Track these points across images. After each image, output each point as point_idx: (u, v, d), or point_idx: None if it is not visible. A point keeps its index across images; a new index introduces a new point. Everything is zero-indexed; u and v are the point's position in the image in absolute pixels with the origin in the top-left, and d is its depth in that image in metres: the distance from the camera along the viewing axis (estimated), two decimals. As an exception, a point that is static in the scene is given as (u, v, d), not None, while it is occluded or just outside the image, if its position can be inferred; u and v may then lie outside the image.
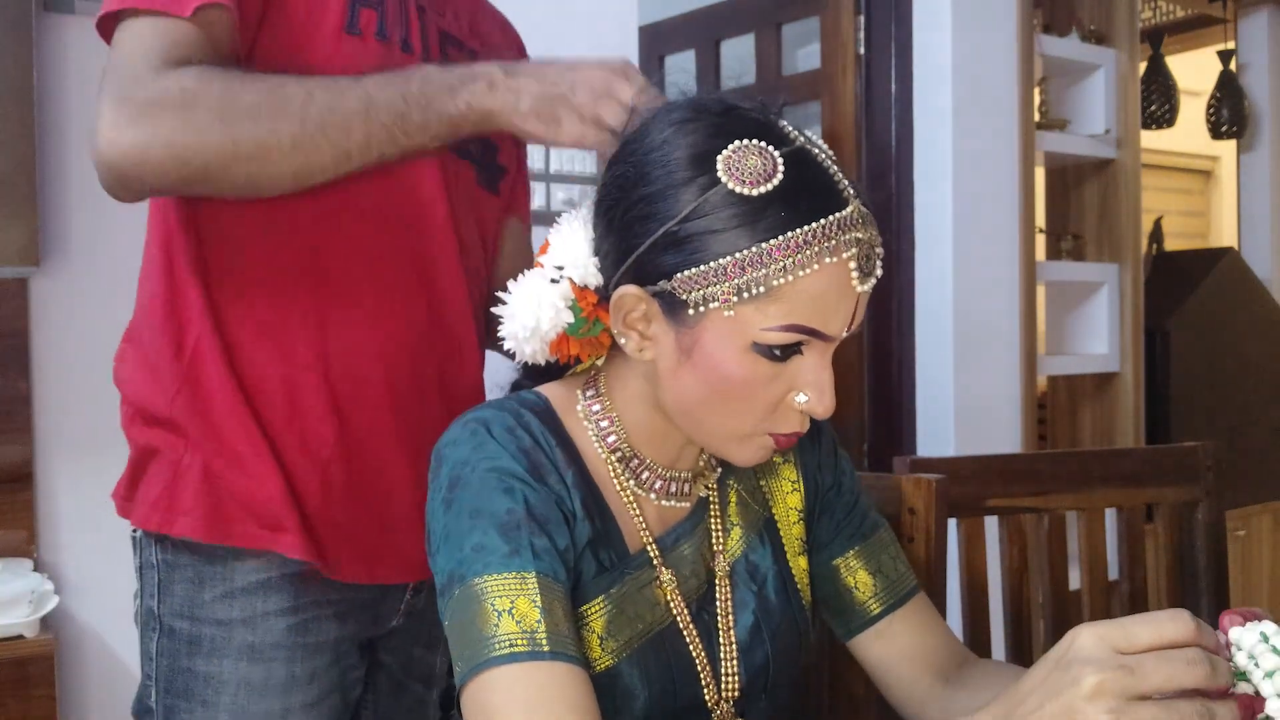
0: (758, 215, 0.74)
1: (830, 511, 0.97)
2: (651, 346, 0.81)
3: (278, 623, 1.01)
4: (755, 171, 0.75)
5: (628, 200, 0.80)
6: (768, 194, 0.75)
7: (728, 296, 0.75)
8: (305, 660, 1.02)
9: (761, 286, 0.74)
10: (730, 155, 0.76)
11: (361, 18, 0.98)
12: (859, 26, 2.81)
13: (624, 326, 0.81)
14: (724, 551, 0.91)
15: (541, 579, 0.76)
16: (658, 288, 0.78)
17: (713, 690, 0.87)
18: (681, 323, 0.78)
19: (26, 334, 1.75)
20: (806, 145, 0.79)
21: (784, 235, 0.74)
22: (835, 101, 2.85)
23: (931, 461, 1.29)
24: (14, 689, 1.51)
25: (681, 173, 0.77)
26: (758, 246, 0.74)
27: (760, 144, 0.76)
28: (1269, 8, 3.92)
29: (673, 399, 0.82)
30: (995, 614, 1.30)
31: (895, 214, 2.78)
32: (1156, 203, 4.66)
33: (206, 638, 1.00)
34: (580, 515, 0.83)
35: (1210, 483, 1.43)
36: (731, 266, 0.74)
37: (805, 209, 0.75)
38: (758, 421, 0.80)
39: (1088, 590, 1.38)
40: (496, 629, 0.73)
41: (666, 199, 0.77)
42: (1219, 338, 3.51)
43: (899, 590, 0.96)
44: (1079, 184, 3.26)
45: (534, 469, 0.81)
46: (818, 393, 0.78)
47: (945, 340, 2.71)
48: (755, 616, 0.90)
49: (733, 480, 0.94)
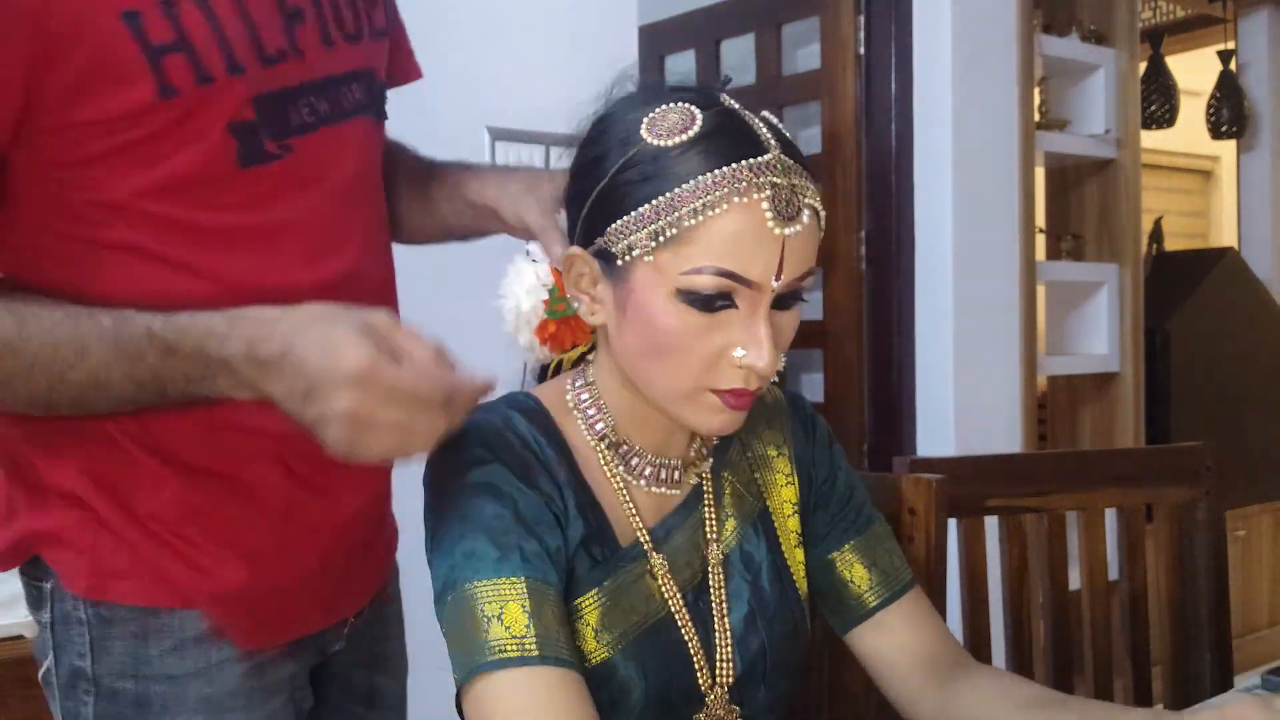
0: (673, 164, 0.78)
1: (825, 505, 0.98)
2: (601, 309, 0.85)
3: (233, 669, 0.92)
4: (672, 125, 0.79)
5: (576, 175, 0.86)
6: (683, 143, 0.78)
7: (646, 243, 0.78)
8: (262, 705, 0.94)
9: (674, 229, 0.77)
10: (653, 115, 0.80)
11: (170, 71, 0.79)
12: (859, 26, 2.81)
13: (575, 290, 0.85)
14: (718, 541, 0.92)
15: (531, 583, 0.77)
16: (595, 246, 0.82)
17: (707, 677, 0.88)
18: (616, 278, 0.82)
19: (26, 334, 1.75)
20: (738, 109, 0.82)
21: (694, 179, 0.77)
22: (835, 101, 2.85)
23: (931, 461, 1.29)
24: (14, 689, 1.50)
25: (616, 139, 0.82)
26: (671, 191, 0.77)
27: (684, 105, 0.80)
28: (1269, 8, 3.92)
29: (624, 362, 0.85)
30: (995, 614, 1.30)
31: (895, 214, 2.78)
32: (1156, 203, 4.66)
33: (156, 696, 0.90)
34: (573, 513, 0.84)
35: (1210, 483, 1.43)
36: (648, 212, 0.78)
37: (717, 154, 0.78)
38: (698, 377, 0.80)
39: (1088, 590, 1.38)
40: (487, 635, 0.75)
41: (601, 162, 0.82)
42: (1219, 338, 3.51)
43: (894, 584, 0.97)
44: (1079, 184, 3.26)
45: (523, 472, 0.83)
46: (755, 347, 0.78)
47: (945, 340, 2.72)
48: (750, 606, 0.91)
49: (727, 473, 0.95)
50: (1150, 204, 3.67)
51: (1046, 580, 1.36)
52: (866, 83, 2.82)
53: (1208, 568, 1.43)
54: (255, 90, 0.84)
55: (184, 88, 0.79)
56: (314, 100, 0.89)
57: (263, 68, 0.84)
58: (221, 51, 0.81)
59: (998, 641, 1.30)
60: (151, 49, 0.78)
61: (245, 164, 0.84)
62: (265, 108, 0.85)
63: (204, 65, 0.80)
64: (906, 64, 2.76)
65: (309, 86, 0.89)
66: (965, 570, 1.30)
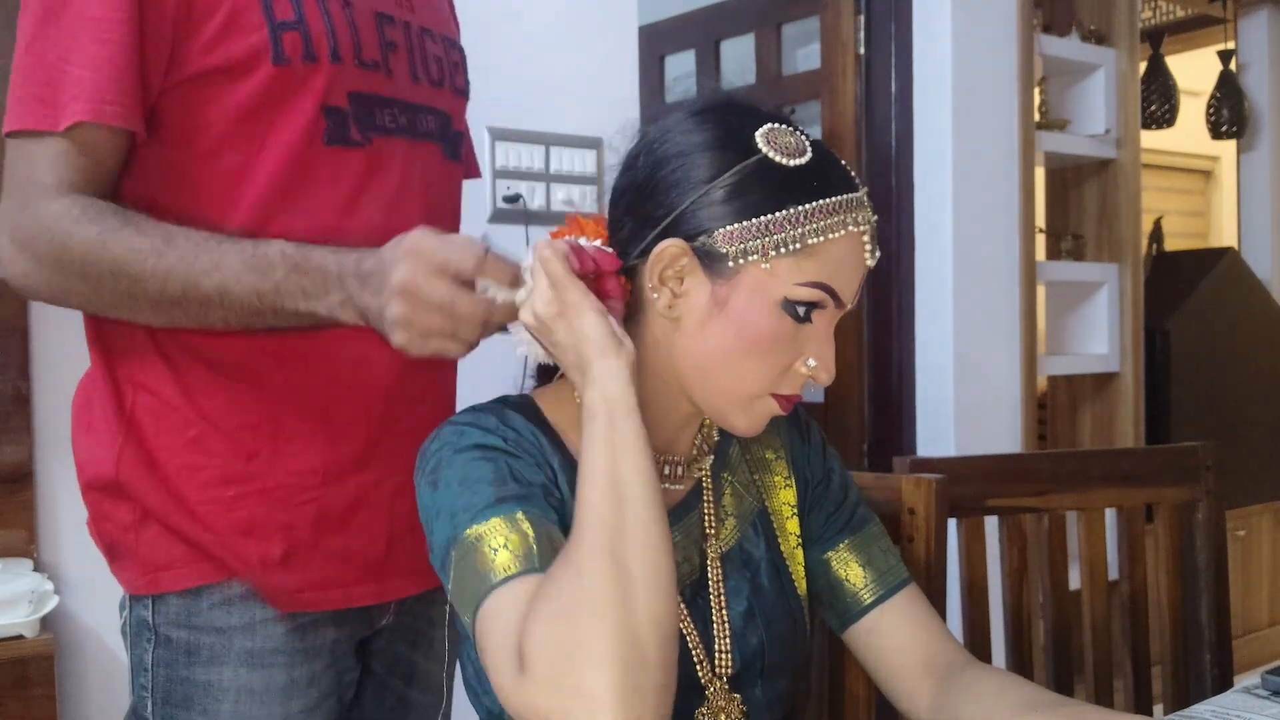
0: (794, 183, 0.84)
1: (821, 505, 1.00)
2: (680, 303, 0.86)
3: (276, 628, 1.01)
4: (791, 147, 0.85)
5: (662, 171, 0.87)
6: (801, 167, 0.84)
7: (767, 250, 0.83)
8: (304, 664, 1.02)
9: (798, 244, 0.83)
10: (768, 131, 0.86)
11: (286, 44, 0.97)
12: (859, 26, 2.81)
13: (659, 282, 0.86)
14: (717, 539, 0.94)
15: (530, 514, 0.79)
16: (698, 243, 0.84)
17: (707, 670, 0.90)
18: (720, 275, 0.84)
19: (26, 334, 1.75)
20: (823, 143, 0.89)
21: (818, 201, 0.84)
22: (835, 101, 2.85)
23: (931, 461, 1.29)
24: (14, 689, 1.50)
25: (719, 144, 0.85)
26: (797, 208, 0.83)
27: (790, 128, 0.87)
28: (1269, 8, 3.92)
29: (694, 356, 0.86)
30: (995, 614, 1.30)
31: (895, 214, 2.78)
32: (1156, 203, 4.66)
33: (205, 646, 1.00)
34: (569, 495, 0.85)
35: (1210, 483, 1.43)
36: (773, 223, 0.83)
37: (832, 185, 0.85)
38: (769, 382, 0.86)
39: (1088, 590, 1.38)
40: (493, 563, 0.76)
41: (706, 164, 0.85)
42: (1219, 338, 3.51)
43: (889, 581, 0.98)
44: (1079, 184, 3.26)
45: (520, 451, 0.85)
46: (824, 360, 0.86)
47: (945, 340, 2.72)
48: (749, 603, 0.93)
49: (727, 473, 0.97)
50: (1150, 204, 3.67)
51: (1046, 580, 1.36)
52: (866, 83, 2.82)
53: (1208, 568, 1.43)
54: (351, 86, 1.01)
55: (294, 59, 0.97)
56: (396, 113, 1.05)
57: (358, 69, 1.01)
58: (329, 42, 0.99)
59: (998, 641, 1.30)
60: (275, 23, 0.96)
61: (330, 142, 1.00)
62: (357, 102, 1.02)
63: (313, 46, 0.98)
64: (906, 64, 2.76)
65: (394, 101, 1.05)
66: (965, 570, 1.30)
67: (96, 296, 0.94)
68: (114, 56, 0.91)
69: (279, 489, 1.00)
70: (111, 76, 0.91)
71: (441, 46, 1.14)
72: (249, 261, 0.92)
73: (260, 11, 0.96)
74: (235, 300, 0.92)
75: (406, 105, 1.07)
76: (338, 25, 1.00)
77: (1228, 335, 3.55)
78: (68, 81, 0.91)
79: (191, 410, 0.99)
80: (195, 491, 0.99)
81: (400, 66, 1.06)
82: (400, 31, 1.07)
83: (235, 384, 1.00)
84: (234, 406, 1.00)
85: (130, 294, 0.92)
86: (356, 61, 1.01)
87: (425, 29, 1.12)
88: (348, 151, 1.01)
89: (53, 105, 0.92)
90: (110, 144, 0.94)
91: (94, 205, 0.93)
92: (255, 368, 1.00)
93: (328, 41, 0.99)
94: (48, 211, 0.91)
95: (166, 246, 0.92)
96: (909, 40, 2.75)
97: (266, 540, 1.00)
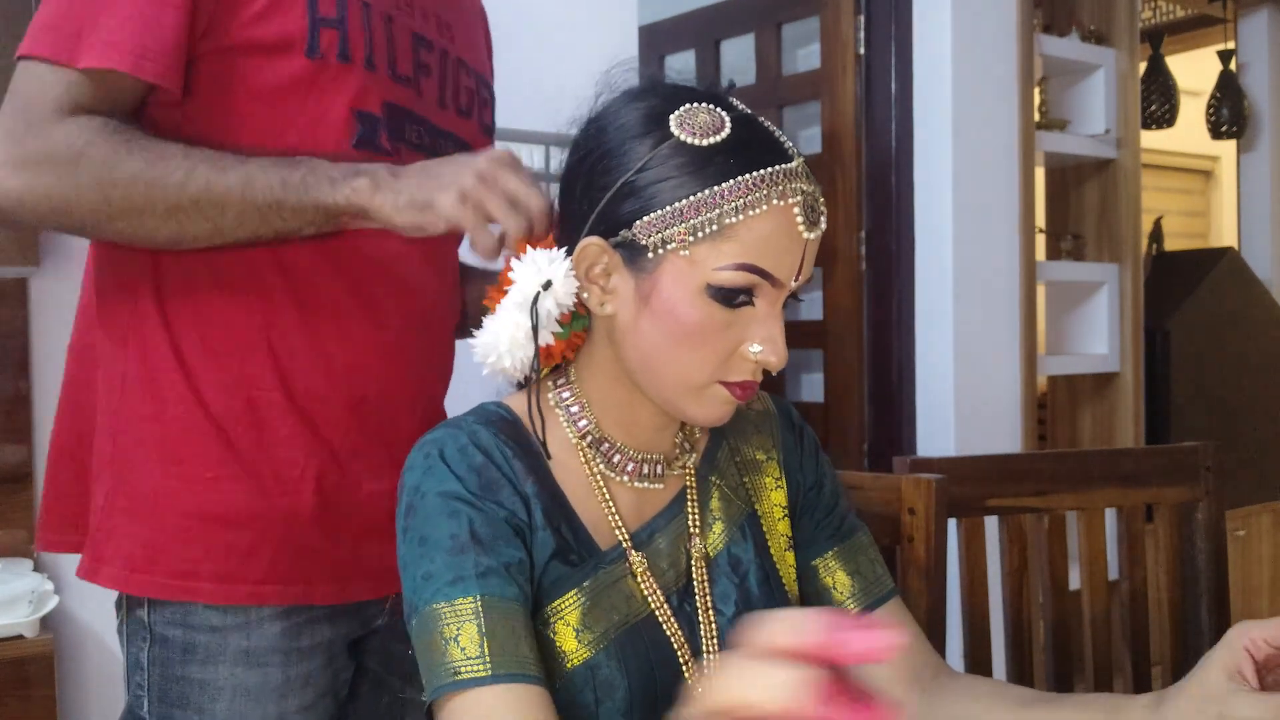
0: (708, 163, 0.80)
1: (811, 511, 0.99)
2: (612, 300, 0.85)
3: (271, 626, 1.01)
4: (705, 125, 0.82)
5: (587, 165, 0.85)
6: (716, 145, 0.81)
7: (684, 237, 0.80)
8: (299, 663, 1.02)
9: (715, 225, 0.80)
10: (682, 113, 0.82)
11: (323, 39, 0.98)
12: (859, 26, 2.81)
13: (586, 280, 0.85)
14: (704, 543, 0.92)
15: (486, 600, 0.78)
16: (618, 238, 0.83)
17: (695, 675, 0.88)
18: (641, 269, 0.83)
19: (26, 334, 1.75)
20: (752, 115, 0.85)
21: (735, 179, 0.80)
22: (835, 101, 2.85)
23: (931, 461, 1.29)
24: (14, 689, 1.51)
25: (636, 132, 0.83)
26: (711, 189, 0.80)
27: (709, 106, 0.83)
28: (1269, 8, 3.92)
29: (633, 353, 0.85)
30: (995, 614, 1.30)
31: (895, 214, 2.78)
32: (1156, 203, 4.66)
33: (201, 644, 1.00)
34: (540, 525, 0.84)
35: (1210, 483, 1.43)
36: (687, 208, 0.80)
37: (752, 158, 0.81)
38: (712, 371, 0.84)
39: (1088, 590, 1.38)
40: (445, 656, 0.76)
41: (622, 155, 0.83)
42: (1219, 338, 3.51)
43: (875, 592, 0.98)
44: (1079, 184, 3.26)
45: (484, 487, 0.83)
46: (770, 343, 0.83)
47: (945, 340, 2.72)
48: (738, 607, 0.91)
49: (715, 476, 0.95)
50: (1150, 204, 3.67)
51: (1046, 580, 1.36)
52: (866, 83, 2.82)
53: (1208, 568, 1.43)
54: (385, 95, 1.03)
55: (328, 55, 0.99)
56: (422, 132, 1.08)
57: (391, 80, 1.04)
58: (365, 47, 1.01)
59: (998, 641, 1.30)
60: (316, 17, 0.98)
61: (359, 145, 1.01)
62: (390, 112, 1.04)
63: (349, 47, 1.00)
64: (906, 64, 2.76)
65: (422, 120, 1.08)
66: (965, 570, 1.30)
67: (107, 204, 0.91)
68: (160, 14, 0.92)
69: (269, 478, 1.01)
70: (154, 31, 0.92)
71: (474, 81, 1.16)
72: (276, 160, 0.94)
73: (305, 3, 0.98)
74: (257, 191, 0.92)
75: (432, 127, 1.09)
76: (376, 35, 1.02)
77: (1228, 335, 3.55)
78: (100, 25, 0.91)
79: (185, 389, 1.00)
80: (181, 480, 1.00)
81: (430, 89, 1.08)
82: (436, 57, 1.09)
83: (225, 369, 1.00)
84: (224, 392, 1.00)
85: (146, 197, 0.91)
86: (390, 73, 1.03)
87: (461, 60, 1.14)
88: (375, 158, 1.00)
89: (75, 40, 0.91)
90: (134, 96, 0.95)
91: (111, 121, 0.92)
92: (246, 356, 1.00)
93: (364, 47, 1.00)
94: (60, 127, 0.90)
95: (191, 149, 0.93)
96: (909, 40, 2.75)
97: (254, 531, 1.00)
